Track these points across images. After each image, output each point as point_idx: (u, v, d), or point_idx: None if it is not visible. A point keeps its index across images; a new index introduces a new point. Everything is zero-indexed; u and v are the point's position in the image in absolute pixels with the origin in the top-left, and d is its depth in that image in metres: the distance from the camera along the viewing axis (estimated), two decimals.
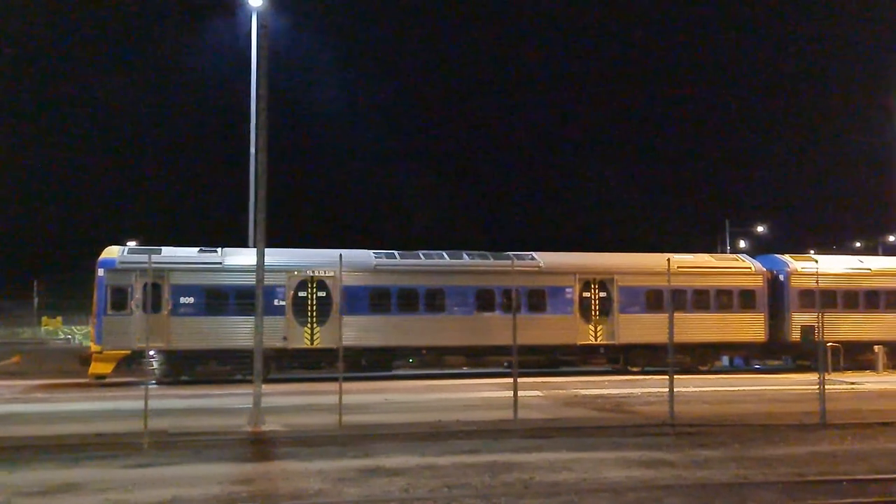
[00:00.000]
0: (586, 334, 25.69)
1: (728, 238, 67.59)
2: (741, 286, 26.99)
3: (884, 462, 11.34)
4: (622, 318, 25.72)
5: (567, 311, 25.41)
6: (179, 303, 22.60)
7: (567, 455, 11.71)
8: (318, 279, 23.75)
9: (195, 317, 22.58)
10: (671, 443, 12.82)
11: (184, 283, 22.65)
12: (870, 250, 64.47)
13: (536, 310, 25.16)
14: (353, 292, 23.57)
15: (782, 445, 12.65)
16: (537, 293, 25.31)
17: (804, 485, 9.98)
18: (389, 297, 24.26)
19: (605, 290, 25.95)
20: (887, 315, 27.85)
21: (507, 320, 23.67)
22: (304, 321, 23.56)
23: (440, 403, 17.82)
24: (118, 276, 22.32)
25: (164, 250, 23.20)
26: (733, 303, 26.81)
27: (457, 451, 11.95)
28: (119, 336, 21.92)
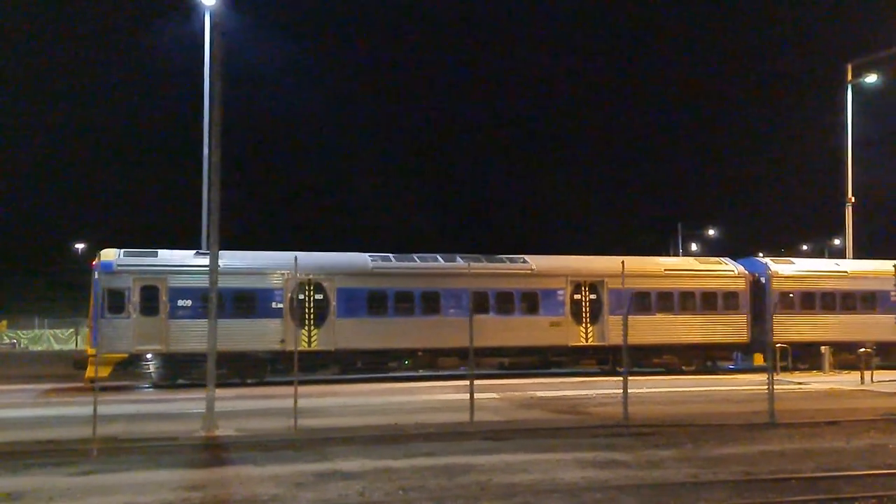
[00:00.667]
0: (577, 336, 26.01)
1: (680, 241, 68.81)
2: (725, 288, 27.57)
3: (830, 460, 11.62)
4: (612, 319, 25.91)
5: (559, 313, 25.70)
6: (177, 306, 22.40)
7: (523, 457, 11.77)
8: (314, 282, 23.70)
9: (193, 319, 22.30)
10: (626, 443, 12.96)
11: (181, 285, 22.45)
12: (817, 253, 66.15)
13: (529, 312, 25.48)
14: (350, 294, 23.69)
15: (733, 445, 12.88)
16: (530, 296, 25.62)
17: (754, 483, 10.18)
18: (386, 300, 24.37)
19: (595, 292, 26.35)
20: (864, 316, 28.56)
21: (500, 322, 25.20)
22: (301, 324, 23.43)
23: (397, 406, 17.78)
24: (115, 278, 22.07)
25: (159, 253, 23.14)
26: (717, 305, 27.30)
27: (413, 454, 11.93)
28: (116, 339, 21.66)
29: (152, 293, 22.21)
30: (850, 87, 34.16)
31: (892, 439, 13.43)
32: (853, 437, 13.65)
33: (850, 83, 34.15)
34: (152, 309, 22.10)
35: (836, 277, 28.83)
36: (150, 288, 22.12)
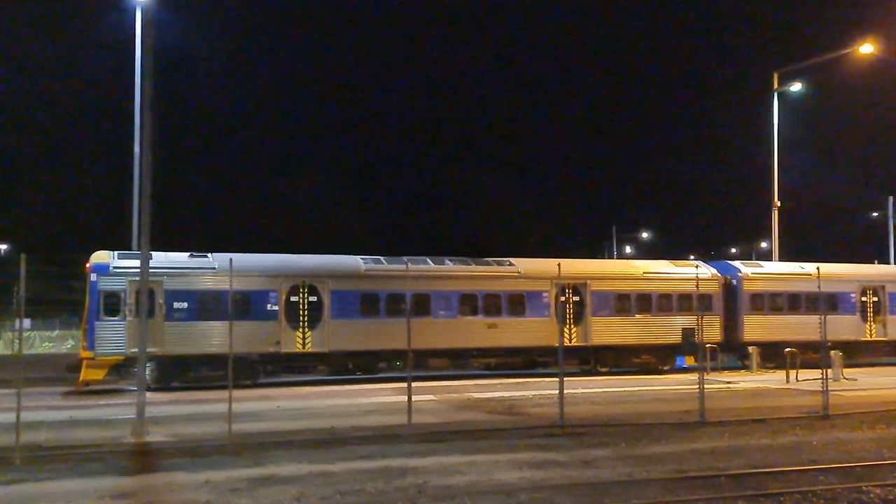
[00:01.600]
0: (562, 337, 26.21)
1: (615, 243, 70.07)
2: (700, 291, 28.01)
3: (758, 457, 11.97)
4: (594, 320, 26.61)
5: (544, 314, 26.04)
6: (173, 308, 22.22)
7: (460, 458, 11.80)
8: (309, 284, 23.78)
9: (189, 322, 22.25)
10: (561, 443, 13.11)
11: (178, 288, 22.28)
12: (745, 256, 68.12)
13: (516, 314, 25.83)
14: (342, 297, 23.87)
15: (665, 443, 13.16)
16: (516, 297, 25.93)
17: (685, 481, 10.42)
18: (378, 302, 24.50)
19: (578, 294, 26.82)
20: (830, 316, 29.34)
21: (488, 323, 25.40)
22: (296, 325, 23.49)
23: (334, 409, 17.63)
24: (111, 281, 21.88)
25: (154, 255, 22.63)
26: (693, 306, 27.67)
27: (350, 458, 11.84)
28: (112, 342, 21.50)
29: (149, 296, 21.77)
30: (777, 94, 35.28)
31: (815, 436, 13.91)
32: (779, 434, 14.08)
33: (777, 91, 35.27)
34: (148, 311, 21.65)
35: (802, 280, 29.75)
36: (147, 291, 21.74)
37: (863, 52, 32.91)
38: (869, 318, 30.38)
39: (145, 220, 15.00)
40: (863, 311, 30.42)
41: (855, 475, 10.65)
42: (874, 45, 32.64)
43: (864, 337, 30.22)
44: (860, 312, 30.43)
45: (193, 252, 23.78)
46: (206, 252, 23.79)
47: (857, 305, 30.33)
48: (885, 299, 30.26)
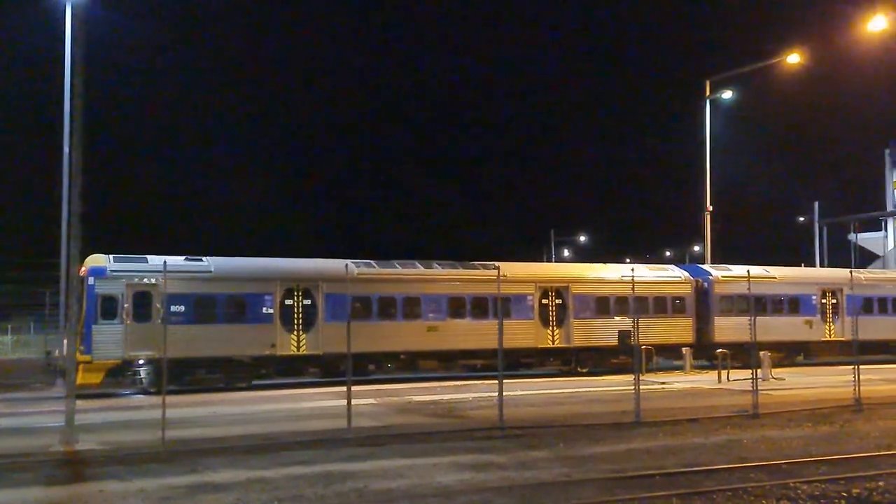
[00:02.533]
0: (545, 338, 27.05)
1: (553, 247, 70.93)
2: (674, 294, 29.18)
3: (691, 456, 12.26)
4: (575, 322, 27.26)
5: (528, 316, 26.66)
6: (170, 311, 21.93)
7: (401, 462, 11.78)
8: (303, 287, 23.97)
9: (186, 325, 22.06)
10: (501, 445, 13.20)
11: (174, 291, 22.02)
12: (678, 259, 69.76)
13: (503, 316, 25.82)
14: (336, 300, 23.93)
15: (602, 444, 13.37)
16: (504, 301, 26.08)
17: (622, 480, 10.60)
18: (370, 305, 24.82)
19: (560, 297, 27.44)
20: (790, 318, 30.89)
21: (476, 326, 25.85)
22: (290, 328, 23.63)
23: (272, 414, 17.40)
24: (109, 284, 21.82)
25: (149, 259, 22.89)
26: (668, 308, 28.84)
27: (288, 463, 11.70)
28: (109, 345, 21.42)
29: (145, 299, 21.99)
30: (709, 101, 36.23)
31: (745, 434, 14.31)
32: (711, 433, 14.45)
33: (709, 98, 36.21)
34: (145, 315, 21.87)
35: (767, 283, 30.85)
36: (143, 294, 21.95)
37: (790, 62, 34.05)
38: (828, 319, 31.74)
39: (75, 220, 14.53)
40: (822, 312, 31.77)
41: (783, 472, 10.99)
42: (801, 54, 33.81)
43: (824, 337, 31.62)
44: (820, 314, 31.79)
45: (189, 256, 23.81)
46: (199, 256, 23.95)
47: (817, 307, 31.68)
48: (842, 301, 31.65)
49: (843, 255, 53.28)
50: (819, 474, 10.82)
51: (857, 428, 15.08)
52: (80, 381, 20.47)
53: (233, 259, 24.77)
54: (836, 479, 10.50)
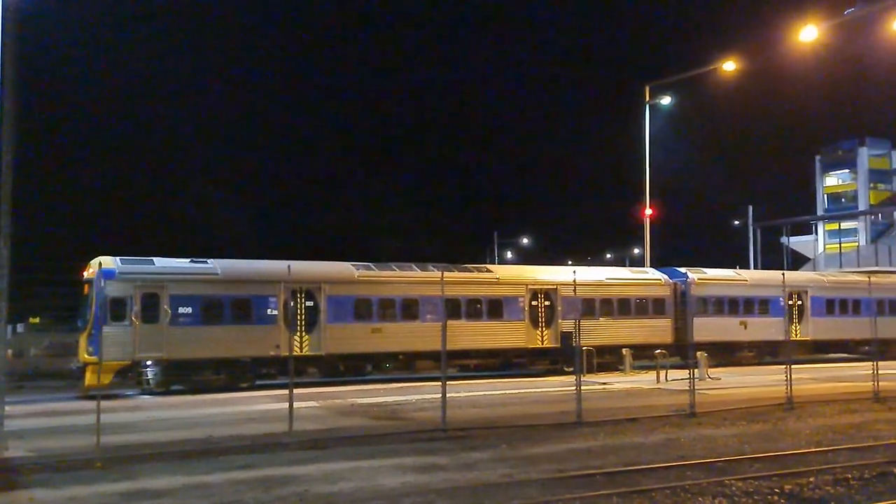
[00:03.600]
0: (535, 339, 27.70)
1: (496, 249, 71.35)
2: (654, 295, 29.99)
3: (631, 455, 12.46)
4: (563, 323, 27.69)
5: (519, 317, 27.29)
6: (177, 313, 22.26)
7: (343, 465, 11.69)
8: (305, 289, 24.20)
9: (192, 326, 22.37)
10: (444, 447, 13.21)
11: (182, 293, 22.34)
12: (619, 261, 70.90)
13: (494, 317, 26.99)
14: (337, 302, 24.40)
15: (544, 444, 13.49)
16: (495, 302, 27.07)
17: (564, 480, 10.71)
18: (371, 306, 25.18)
19: (549, 299, 28.10)
20: (761, 318, 31.88)
21: (471, 327, 26.42)
22: (293, 329, 23.77)
23: (211, 419, 17.04)
24: (118, 286, 21.85)
25: (156, 261, 23.15)
26: (648, 310, 29.67)
27: (228, 468, 11.51)
28: (119, 346, 21.24)
29: (153, 300, 22.15)
30: (648, 107, 36.92)
31: (683, 433, 14.62)
32: (650, 432, 14.72)
33: (649, 103, 36.90)
34: (153, 316, 22.03)
35: (739, 285, 32.05)
36: (151, 295, 22.13)
37: (726, 70, 34.92)
38: (794, 319, 32.93)
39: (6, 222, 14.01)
40: (789, 313, 32.73)
41: (719, 470, 11.26)
42: (736, 62, 34.69)
43: (790, 337, 32.26)
44: (787, 315, 32.45)
45: (194, 258, 24.11)
46: (204, 258, 24.24)
47: (784, 309, 32.23)
48: (807, 303, 32.95)
49: (775, 258, 54.98)
50: (753, 471, 11.12)
51: (789, 426, 15.54)
52: (89, 383, 20.96)
53: (238, 261, 25.08)
54: (770, 475, 10.80)
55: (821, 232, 56.43)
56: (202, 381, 22.59)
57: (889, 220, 54.74)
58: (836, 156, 56.41)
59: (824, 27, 29.57)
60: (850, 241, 53.49)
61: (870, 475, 10.86)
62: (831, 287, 34.52)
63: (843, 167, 56.12)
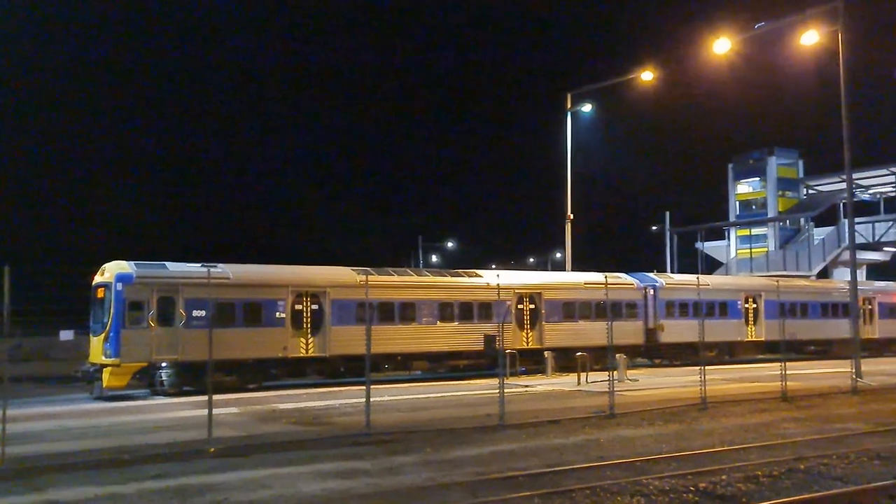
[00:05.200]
0: (521, 340, 28.88)
1: (421, 253, 71.39)
2: (628, 299, 31.58)
3: (553, 456, 12.63)
4: (546, 326, 29.35)
5: (507, 320, 28.22)
6: (192, 316, 22.84)
7: (263, 472, 11.47)
8: (311, 293, 25.08)
9: (206, 329, 22.24)
10: (367, 452, 13.12)
11: (196, 297, 22.87)
12: (540, 265, 71.91)
13: (484, 320, 28.09)
14: (342, 305, 25.30)
15: (468, 447, 13.54)
16: (485, 306, 28.20)
17: (487, 482, 10.77)
18: (372, 310, 25.76)
19: (533, 302, 29.50)
20: (720, 320, 33.75)
21: (462, 328, 27.72)
22: (299, 332, 24.74)
23: (125, 427, 16.47)
24: (135, 290, 22.39)
25: (168, 265, 23.60)
26: (623, 313, 31.12)
27: (143, 477, 11.14)
28: (136, 349, 22.06)
29: (169, 304, 22.72)
30: (570, 114, 37.57)
31: (602, 434, 14.90)
32: (571, 433, 14.96)
33: (570, 111, 37.56)
34: (168, 319, 22.61)
35: (703, 290, 33.27)
36: (166, 299, 22.69)
37: (645, 79, 35.86)
38: (750, 321, 34.90)
39: None
40: (745, 315, 35.01)
41: (636, 469, 11.52)
42: (654, 72, 35.67)
43: (746, 338, 34.85)
44: (744, 317, 34.99)
45: (205, 263, 24.20)
46: (214, 263, 24.44)
47: (741, 311, 34.96)
48: (761, 306, 34.69)
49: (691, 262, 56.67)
50: (669, 470, 11.42)
51: (703, 425, 16.03)
52: (108, 384, 21.94)
53: (247, 266, 25.61)
54: (685, 474, 11.11)
55: (733, 237, 58.39)
56: (214, 383, 22.45)
57: (796, 226, 57.14)
58: (747, 164, 58.41)
59: (737, 40, 30.72)
60: (760, 246, 55.58)
61: (778, 472, 11.30)
62: (784, 291, 36.59)
63: (753, 175, 58.11)
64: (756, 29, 30.21)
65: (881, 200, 54.93)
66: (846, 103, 26.68)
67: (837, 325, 36.19)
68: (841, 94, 26.74)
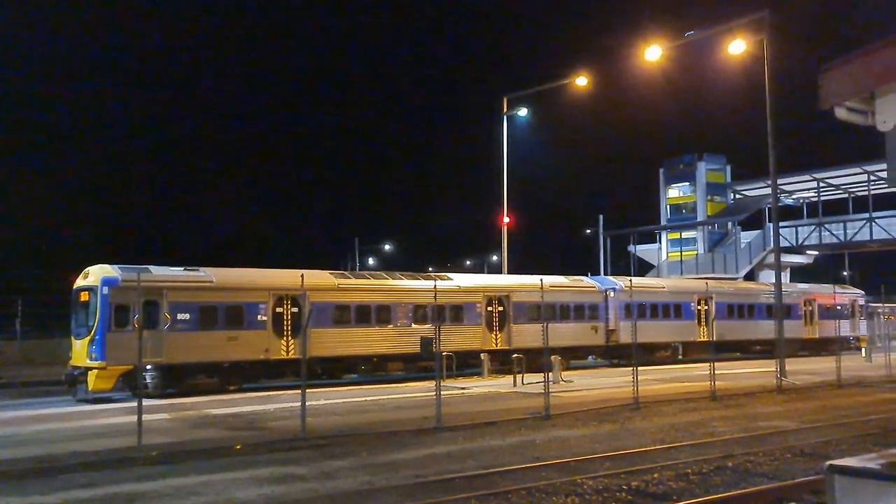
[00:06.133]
0: (490, 342, 29.69)
1: (357, 255, 71.00)
2: (590, 301, 32.57)
3: (489, 458, 12.71)
4: (514, 327, 30.15)
5: (477, 322, 29.27)
6: (176, 319, 23.05)
7: (195, 479, 11.23)
8: (291, 296, 25.34)
9: (189, 332, 23.29)
10: (303, 456, 12.97)
11: (180, 300, 23.20)
12: (477, 268, 72.32)
13: (456, 322, 28.85)
14: (319, 308, 25.16)
15: (404, 450, 13.52)
16: (456, 308, 28.98)
17: (424, 485, 10.76)
18: (349, 312, 26.60)
19: (502, 305, 30.27)
20: (676, 322, 35.26)
21: (431, 330, 26.53)
22: (280, 334, 25.07)
23: (50, 435, 15.90)
24: (121, 294, 22.44)
25: (152, 269, 23.67)
26: (585, 315, 32.20)
27: (69, 487, 10.79)
28: (123, 352, 21.70)
29: (153, 307, 22.88)
30: (506, 118, 37.91)
31: (538, 435, 15.06)
32: (507, 435, 15.07)
33: (506, 114, 37.90)
34: (153, 322, 22.69)
35: (659, 292, 35.04)
36: (151, 302, 22.79)
37: (579, 84, 36.42)
38: (702, 323, 36.09)
39: None
40: (697, 317, 36.27)
41: (571, 469, 11.67)
42: (588, 77, 36.26)
43: (698, 338, 36.03)
44: (696, 318, 36.25)
45: (188, 267, 24.82)
46: (196, 266, 24.95)
47: (694, 313, 36.14)
48: (712, 308, 35.72)
49: (624, 265, 57.80)
50: (603, 470, 11.61)
51: (636, 425, 16.35)
52: (94, 387, 22.14)
53: (229, 270, 26.11)
54: (618, 473, 11.31)
55: (664, 241, 59.78)
56: (196, 385, 23.37)
57: (724, 230, 58.84)
58: (677, 169, 59.89)
59: (668, 48, 31.48)
60: (690, 249, 57.05)
61: (708, 469, 11.61)
62: (730, 293, 38.64)
63: (684, 180, 59.61)
64: (686, 37, 31.02)
65: (804, 205, 57.00)
66: (771, 111, 27.62)
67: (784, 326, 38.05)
68: (766, 102, 27.66)
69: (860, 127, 6.01)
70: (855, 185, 52.74)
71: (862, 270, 68.16)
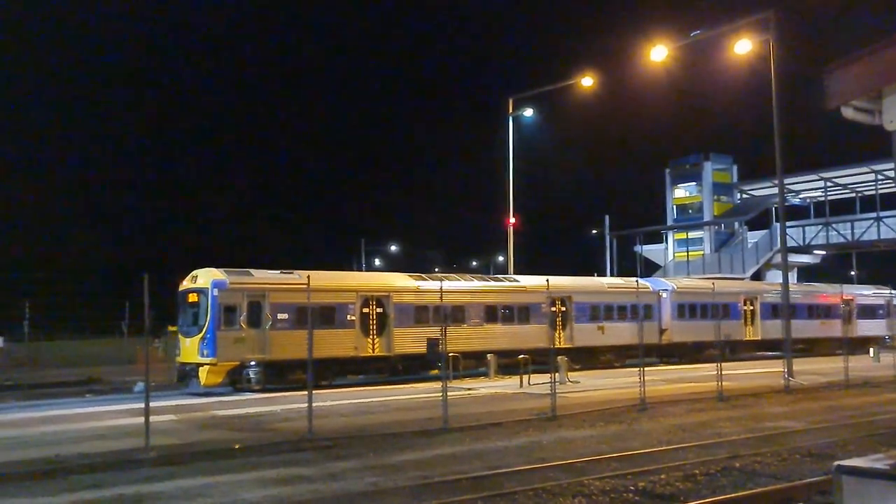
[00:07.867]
0: (555, 340, 30.22)
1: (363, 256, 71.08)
2: (646, 302, 33.50)
3: (495, 458, 12.69)
4: (576, 326, 31.91)
5: (542, 322, 30.12)
6: (277, 318, 24.82)
7: (202, 480, 11.26)
8: (376, 297, 27.19)
9: (288, 330, 24.84)
10: (309, 458, 12.98)
11: (280, 301, 24.90)
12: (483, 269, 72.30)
13: (522, 321, 30.44)
14: (400, 308, 27.40)
15: (411, 451, 13.51)
16: (523, 308, 30.60)
17: (430, 486, 10.76)
18: (428, 312, 28.11)
19: (564, 305, 32.00)
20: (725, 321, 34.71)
21: (503, 329, 29.91)
22: (367, 333, 26.87)
23: (58, 436, 15.92)
24: (229, 295, 24.35)
25: (253, 272, 25.58)
26: (639, 314, 32.19)
27: (77, 488, 10.83)
28: (231, 349, 24.05)
29: (257, 308, 24.69)
30: (512, 119, 37.88)
31: (544, 436, 15.04)
32: (514, 436, 15.05)
33: (512, 115, 37.87)
34: (257, 321, 24.58)
35: (708, 293, 35.84)
36: (255, 304, 24.68)
37: (584, 85, 36.38)
38: (748, 321, 37.11)
39: None
40: (744, 316, 37.16)
41: (578, 470, 11.66)
42: (594, 78, 36.23)
43: (745, 337, 36.97)
44: (743, 318, 37.12)
45: (284, 270, 26.43)
46: (290, 270, 26.39)
47: (741, 312, 37.08)
48: (758, 307, 36.97)
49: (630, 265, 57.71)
50: (610, 470, 11.59)
51: (643, 426, 16.32)
52: (206, 382, 23.96)
53: (321, 272, 27.13)
54: (625, 474, 11.29)
55: (671, 241, 59.65)
56: (295, 380, 24.62)
57: (730, 230, 58.69)
58: (683, 169, 59.77)
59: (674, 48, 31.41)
60: (696, 249, 56.93)
61: (715, 470, 11.58)
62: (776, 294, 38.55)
63: (690, 180, 59.49)
64: (692, 37, 30.95)
65: (811, 205, 56.80)
66: (778, 110, 27.52)
67: (823, 325, 39.78)
68: (773, 101, 27.58)
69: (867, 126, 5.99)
70: (862, 185, 52.58)
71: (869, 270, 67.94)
